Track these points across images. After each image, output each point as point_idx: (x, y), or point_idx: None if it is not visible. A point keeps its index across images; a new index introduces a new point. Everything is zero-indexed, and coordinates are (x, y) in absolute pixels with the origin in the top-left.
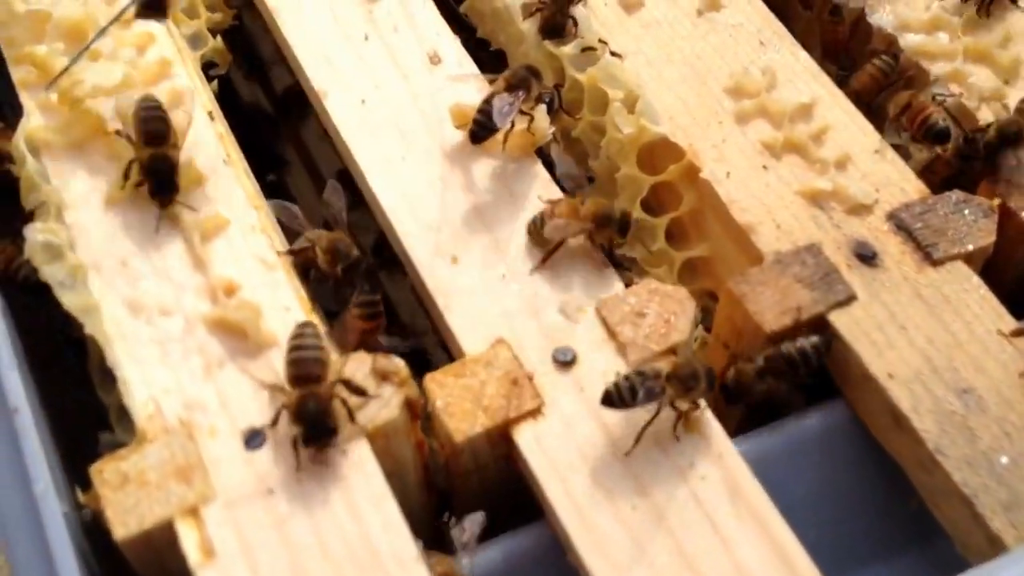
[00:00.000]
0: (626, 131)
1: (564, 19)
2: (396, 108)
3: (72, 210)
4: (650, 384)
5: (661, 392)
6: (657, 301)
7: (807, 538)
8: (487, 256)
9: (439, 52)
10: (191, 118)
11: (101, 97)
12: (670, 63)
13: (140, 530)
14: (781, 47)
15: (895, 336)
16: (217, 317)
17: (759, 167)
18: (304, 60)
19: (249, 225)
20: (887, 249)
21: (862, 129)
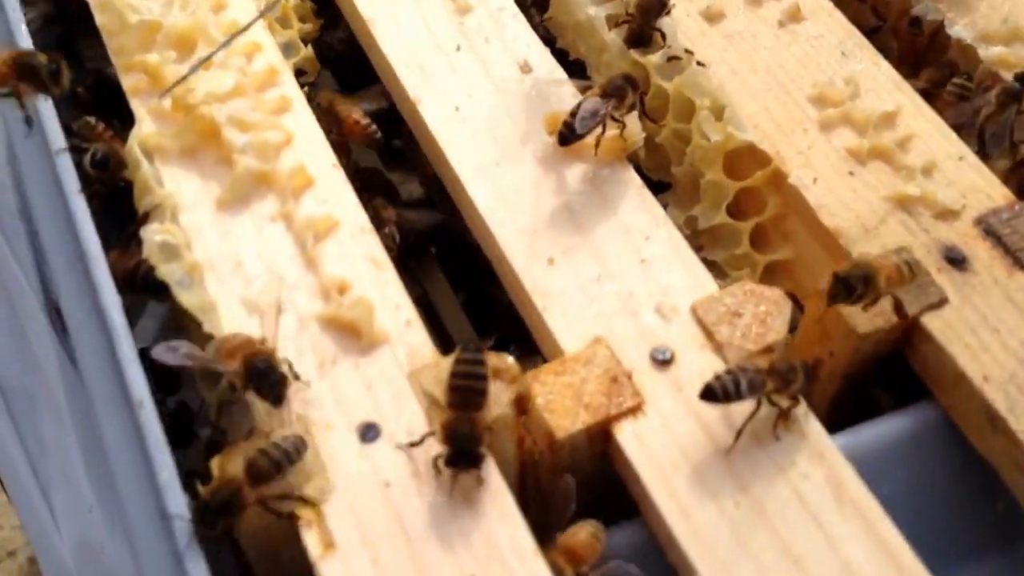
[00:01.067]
0: (714, 138)
1: (651, 30)
2: (489, 115)
3: (186, 212)
4: (752, 377)
5: (762, 386)
6: (753, 301)
7: None
8: (582, 258)
9: (529, 61)
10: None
11: (214, 103)
12: (753, 73)
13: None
14: (863, 57)
15: (988, 339)
16: (330, 315)
17: (845, 173)
18: (399, 69)
19: (359, 226)
20: (976, 254)
21: (946, 137)
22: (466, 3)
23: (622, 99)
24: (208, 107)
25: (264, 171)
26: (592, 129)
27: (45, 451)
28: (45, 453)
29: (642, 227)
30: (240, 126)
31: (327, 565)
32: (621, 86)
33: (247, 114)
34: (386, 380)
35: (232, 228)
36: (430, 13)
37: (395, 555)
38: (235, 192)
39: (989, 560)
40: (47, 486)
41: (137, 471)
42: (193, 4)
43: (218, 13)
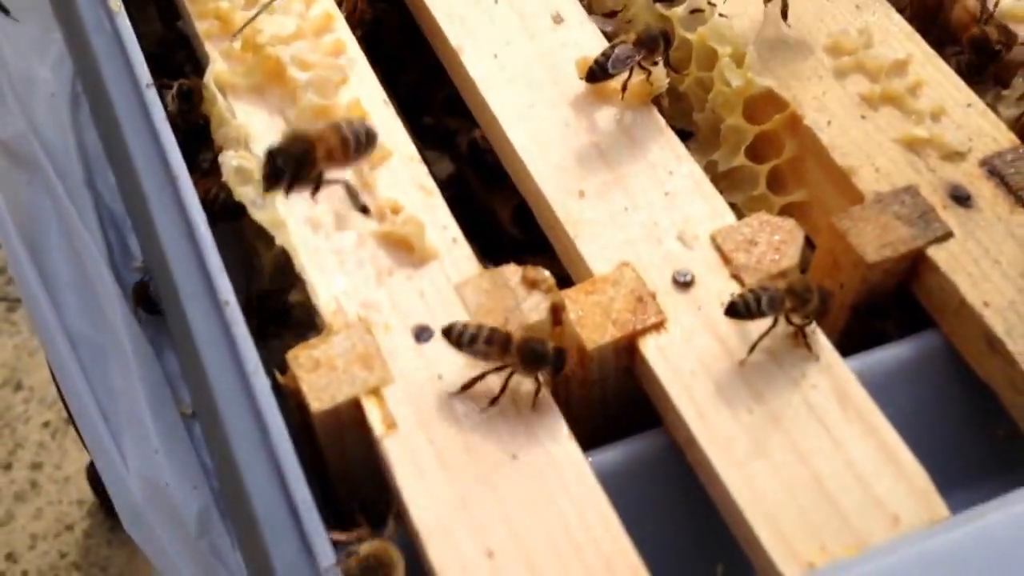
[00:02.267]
0: (735, 84)
1: None
2: (525, 62)
3: (257, 142)
4: (772, 295)
5: (781, 305)
6: (768, 231)
7: None
8: (610, 191)
9: (561, 13)
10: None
11: (279, 45)
12: (772, 23)
13: (333, 405)
14: (877, 10)
15: (989, 269)
16: (385, 232)
17: (858, 117)
18: (441, 20)
19: (408, 156)
20: (981, 192)
21: (955, 85)
22: None
23: (653, 51)
24: (273, 48)
25: (325, 105)
26: (621, 72)
27: (114, 399)
28: (114, 401)
29: (666, 163)
30: (302, 65)
31: (390, 442)
32: (655, 37)
33: (307, 55)
34: (436, 289)
35: None
36: None
37: (448, 436)
38: (300, 124)
39: (990, 484)
40: (117, 431)
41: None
42: None
43: None
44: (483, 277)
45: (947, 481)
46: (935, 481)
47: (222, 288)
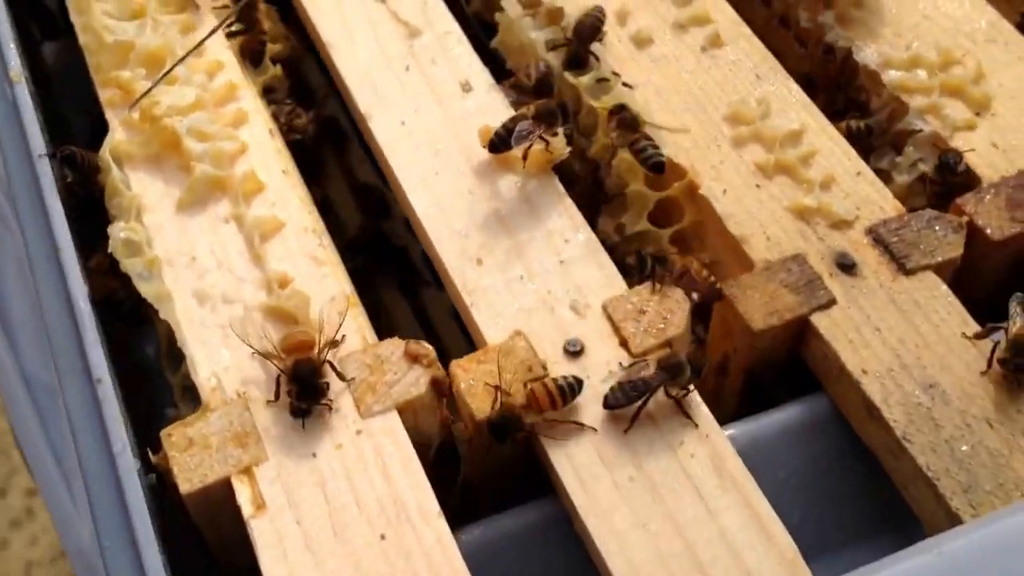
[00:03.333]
0: None
1: (585, 54)
2: (432, 130)
3: (150, 213)
4: (638, 382)
5: (650, 386)
6: (656, 300)
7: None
8: (508, 259)
9: (471, 81)
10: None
11: (176, 116)
12: (676, 93)
13: (203, 486)
14: (776, 80)
15: (870, 337)
16: (271, 306)
17: (753, 186)
18: (352, 87)
19: (302, 227)
20: (865, 260)
21: (846, 154)
22: (416, 27)
23: (551, 124)
24: (171, 119)
25: (219, 177)
26: (521, 144)
27: (66, 441)
28: (66, 443)
29: (563, 231)
30: (199, 136)
31: (257, 523)
32: (552, 111)
33: (206, 125)
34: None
35: (189, 227)
36: (384, 35)
37: (317, 516)
38: (193, 195)
39: (879, 542)
40: (69, 474)
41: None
42: (164, 26)
43: (186, 35)
44: (366, 352)
45: (841, 538)
46: (821, 544)
47: (96, 364)
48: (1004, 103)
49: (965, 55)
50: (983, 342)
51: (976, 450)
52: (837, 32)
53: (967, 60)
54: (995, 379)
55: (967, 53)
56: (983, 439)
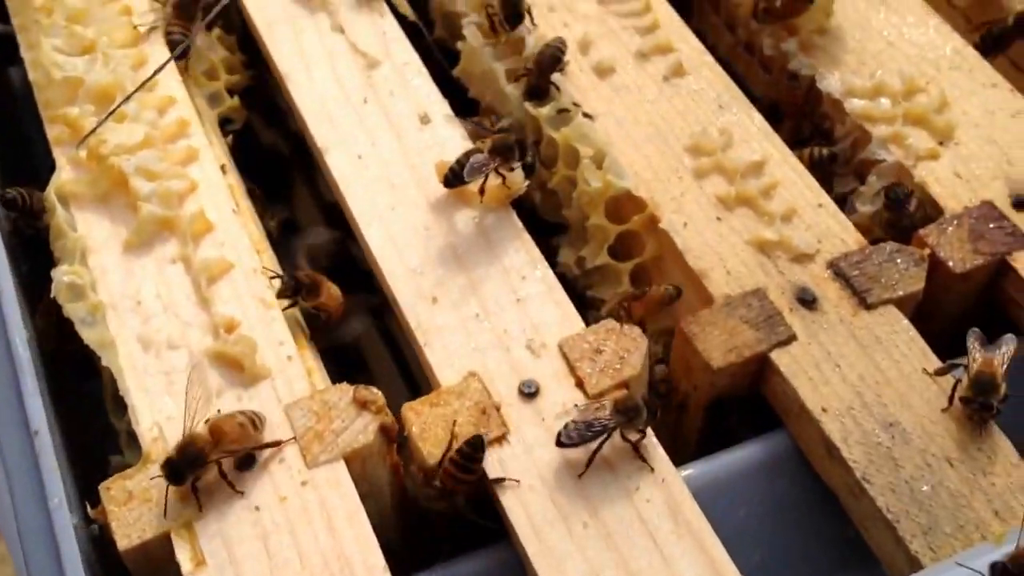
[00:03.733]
0: (594, 185)
1: (546, 84)
2: (389, 164)
3: (95, 254)
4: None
5: (604, 428)
6: (614, 339)
7: (751, 558)
8: (464, 296)
9: (429, 114)
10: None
11: (124, 155)
12: (637, 124)
13: (141, 542)
14: (738, 109)
15: (830, 373)
16: (217, 351)
17: (713, 218)
18: (309, 120)
19: (251, 268)
20: (826, 294)
21: (808, 185)
22: (375, 58)
23: (507, 159)
24: (118, 158)
25: (167, 217)
26: (476, 178)
27: (2, 495)
28: (2, 496)
29: (520, 268)
30: (147, 175)
31: None
32: (509, 147)
33: (153, 164)
34: (265, 412)
35: (135, 269)
36: (342, 67)
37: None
38: (140, 236)
39: None
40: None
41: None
42: (114, 62)
43: (138, 69)
44: (313, 399)
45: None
46: None
47: (34, 416)
48: (968, 131)
49: (929, 83)
50: (944, 378)
51: (936, 491)
52: (801, 60)
53: (931, 88)
54: (956, 417)
55: (931, 81)
56: (944, 479)
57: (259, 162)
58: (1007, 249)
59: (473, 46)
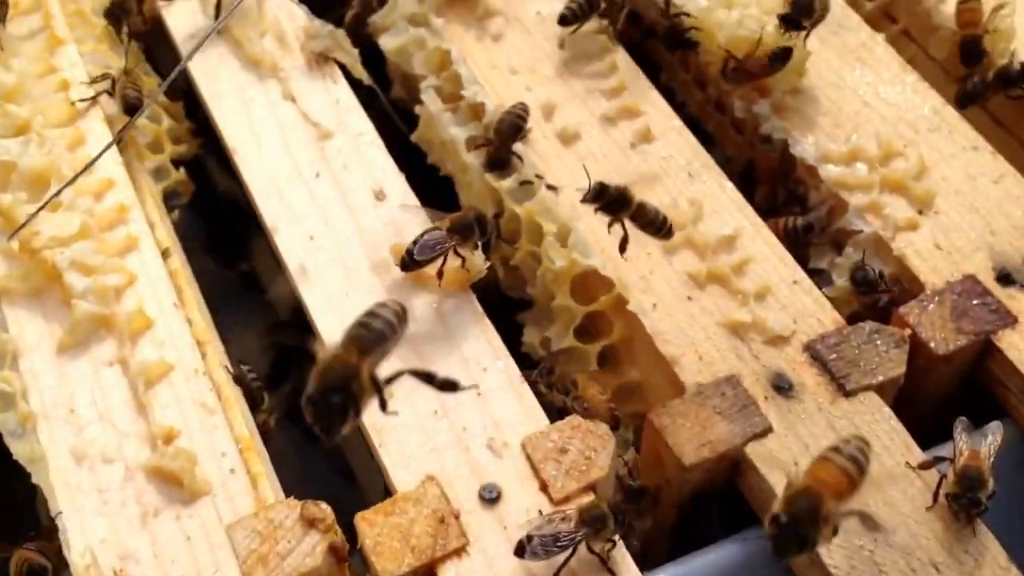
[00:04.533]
0: (559, 264)
1: (507, 154)
2: (342, 244)
3: (26, 357)
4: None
5: (571, 541)
6: (579, 438)
7: None
8: (421, 391)
9: (385, 189)
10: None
11: (57, 247)
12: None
13: None
14: (708, 178)
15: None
16: (154, 466)
17: (684, 298)
18: (258, 197)
19: (192, 369)
20: (803, 380)
21: (782, 260)
22: (327, 129)
23: (467, 237)
24: (51, 251)
25: (103, 315)
26: (432, 260)
27: None
28: None
29: (481, 358)
30: (82, 269)
31: None
32: (469, 225)
33: (89, 257)
34: (205, 532)
35: (69, 373)
36: (293, 138)
37: None
38: (74, 336)
39: None
40: None
41: None
42: (50, 142)
43: (75, 150)
44: (257, 517)
45: None
46: None
47: None
48: (948, 199)
49: (907, 146)
50: (928, 472)
51: None
52: (773, 123)
53: (909, 152)
54: (941, 515)
55: (909, 144)
56: None
57: (215, 209)
58: (991, 328)
59: (431, 111)
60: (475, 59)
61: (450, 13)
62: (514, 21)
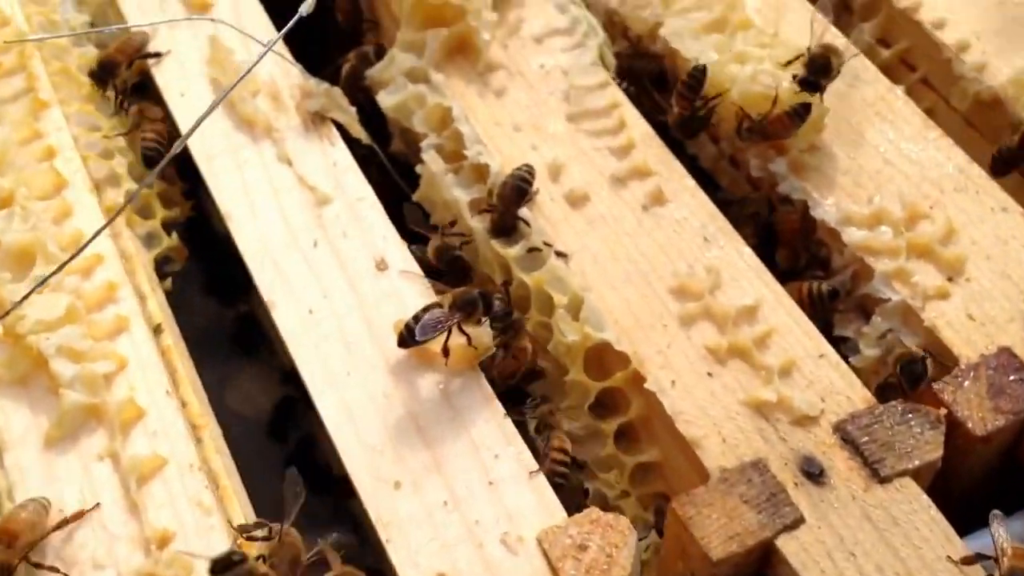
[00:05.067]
0: (571, 338)
1: (513, 220)
2: (342, 318)
3: (11, 451)
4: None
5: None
6: (599, 533)
7: None
8: (429, 479)
9: (386, 258)
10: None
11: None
12: (615, 260)
13: None
14: (725, 242)
15: (844, 563)
16: (147, 573)
17: (704, 374)
18: (254, 268)
19: (187, 464)
20: (834, 464)
21: (806, 332)
22: (325, 194)
23: (470, 314)
24: (36, 336)
25: (93, 404)
26: (432, 338)
27: None
28: None
29: (491, 443)
30: (70, 355)
31: None
32: (472, 301)
33: (77, 342)
34: None
35: (57, 468)
36: (289, 204)
37: None
38: (62, 429)
39: None
40: None
41: None
42: (35, 216)
43: (61, 223)
44: None
45: None
46: None
47: None
48: (979, 264)
49: (933, 207)
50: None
51: None
52: (792, 182)
53: (935, 214)
54: None
55: (935, 204)
56: None
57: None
58: None
59: (433, 171)
60: (477, 116)
61: (450, 67)
62: (517, 75)
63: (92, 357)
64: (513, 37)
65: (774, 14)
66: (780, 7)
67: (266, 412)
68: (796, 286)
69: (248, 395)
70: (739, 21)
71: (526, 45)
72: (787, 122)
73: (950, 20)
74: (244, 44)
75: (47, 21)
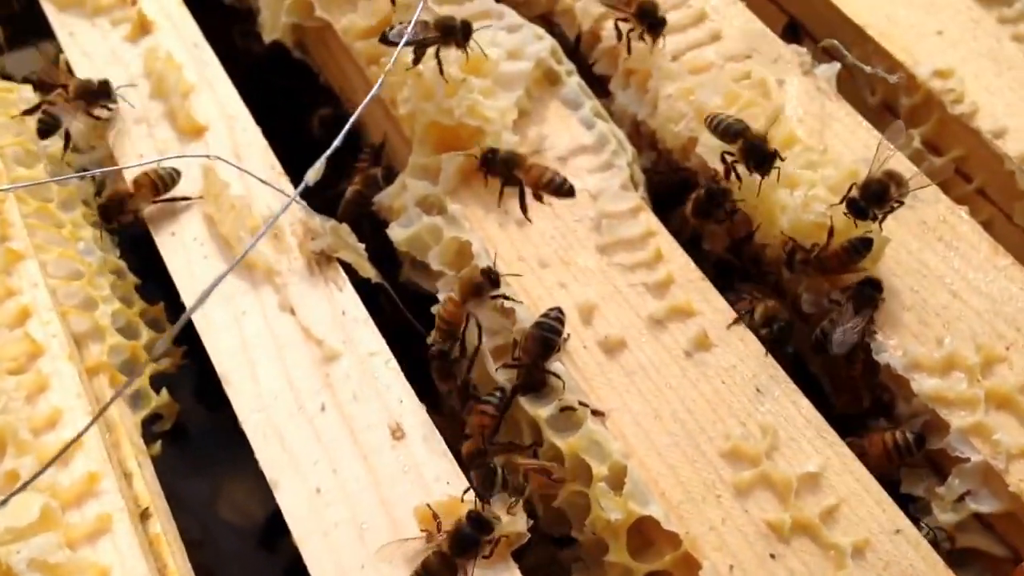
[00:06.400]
0: (614, 516)
1: (542, 375)
2: (355, 499)
3: None
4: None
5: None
6: None
7: None
8: None
9: (403, 424)
10: None
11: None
12: (658, 419)
13: None
14: (780, 395)
15: None
16: None
17: (766, 556)
18: (255, 439)
19: None
20: None
21: (879, 502)
22: (333, 348)
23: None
24: (6, 548)
25: None
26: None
27: None
28: None
29: None
30: (44, 570)
31: None
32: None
33: (52, 553)
34: None
35: None
36: (293, 362)
37: None
38: None
39: None
40: None
41: None
42: (6, 395)
43: (35, 400)
44: None
45: None
46: None
47: None
48: None
49: (1010, 348)
50: None
51: None
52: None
53: (1013, 356)
54: None
55: (1012, 345)
56: None
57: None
58: None
59: None
60: (499, 249)
61: (467, 193)
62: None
63: (68, 571)
64: (536, 157)
65: (818, 124)
66: (824, 117)
67: (260, 522)
68: (879, 438)
69: (241, 505)
70: (784, 138)
71: (550, 166)
72: (844, 258)
73: (1011, 128)
74: (240, 173)
75: (24, 152)
